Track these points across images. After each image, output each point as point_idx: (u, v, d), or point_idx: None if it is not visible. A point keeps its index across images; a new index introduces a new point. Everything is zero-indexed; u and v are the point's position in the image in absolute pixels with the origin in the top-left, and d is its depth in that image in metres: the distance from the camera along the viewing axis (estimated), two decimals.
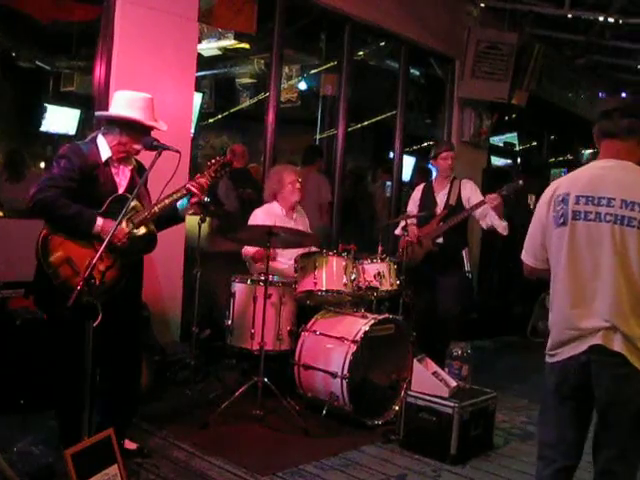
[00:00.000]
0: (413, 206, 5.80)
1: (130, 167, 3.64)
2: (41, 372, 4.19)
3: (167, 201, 3.57)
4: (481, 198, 5.38)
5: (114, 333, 3.45)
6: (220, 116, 9.46)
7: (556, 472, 2.73)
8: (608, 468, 2.62)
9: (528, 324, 8.14)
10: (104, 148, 3.54)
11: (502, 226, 5.44)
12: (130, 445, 3.77)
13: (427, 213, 5.52)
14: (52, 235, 3.40)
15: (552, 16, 7.94)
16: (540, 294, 8.18)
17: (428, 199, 5.68)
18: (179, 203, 3.68)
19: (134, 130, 3.53)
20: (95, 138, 3.59)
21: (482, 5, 7.90)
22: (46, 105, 8.67)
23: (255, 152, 7.53)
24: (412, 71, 8.13)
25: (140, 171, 3.64)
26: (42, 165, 8.93)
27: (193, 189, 3.61)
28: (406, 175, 8.75)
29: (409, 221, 5.48)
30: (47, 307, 3.58)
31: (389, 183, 8.48)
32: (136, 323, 3.82)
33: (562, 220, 2.65)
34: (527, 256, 2.87)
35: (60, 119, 8.89)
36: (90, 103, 8.43)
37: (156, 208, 3.53)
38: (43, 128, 8.69)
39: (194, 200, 3.67)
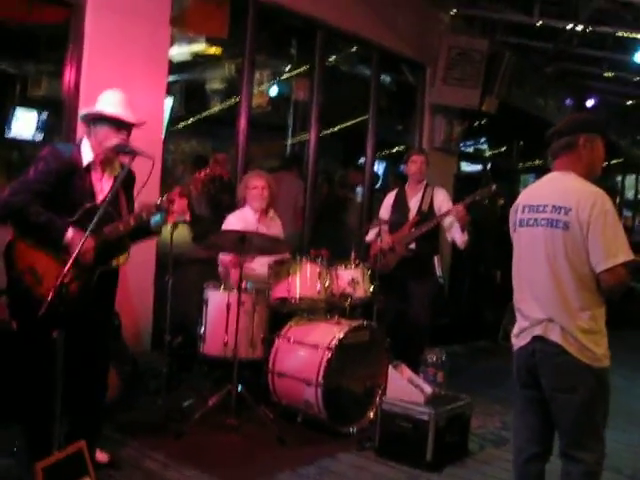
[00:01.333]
0: (385, 212, 5.80)
1: (114, 175, 3.53)
2: (9, 381, 4.09)
3: (144, 214, 3.48)
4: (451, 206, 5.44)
5: (84, 342, 3.39)
6: (190, 120, 9.36)
7: (526, 461, 2.97)
8: (571, 454, 2.82)
9: (499, 329, 8.19)
10: (87, 151, 3.45)
11: (462, 240, 5.50)
12: (101, 456, 3.70)
13: (399, 218, 5.52)
14: (17, 241, 3.33)
15: (521, 24, 8.02)
16: (511, 299, 8.24)
17: (400, 205, 5.69)
18: (153, 219, 3.58)
19: (117, 126, 3.44)
20: (79, 142, 3.51)
21: (453, 12, 7.94)
22: (13, 109, 8.51)
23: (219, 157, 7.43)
24: (383, 77, 8.13)
25: (126, 178, 3.44)
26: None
27: (174, 209, 3.53)
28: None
29: (382, 227, 5.46)
30: (17, 314, 3.48)
31: (359, 189, 8.48)
32: (107, 332, 3.74)
33: (514, 228, 3.05)
34: None
35: (27, 124, 8.73)
36: (59, 108, 8.35)
37: (132, 221, 3.44)
38: (8, 134, 8.53)
39: (170, 220, 3.60)
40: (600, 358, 2.77)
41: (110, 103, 3.46)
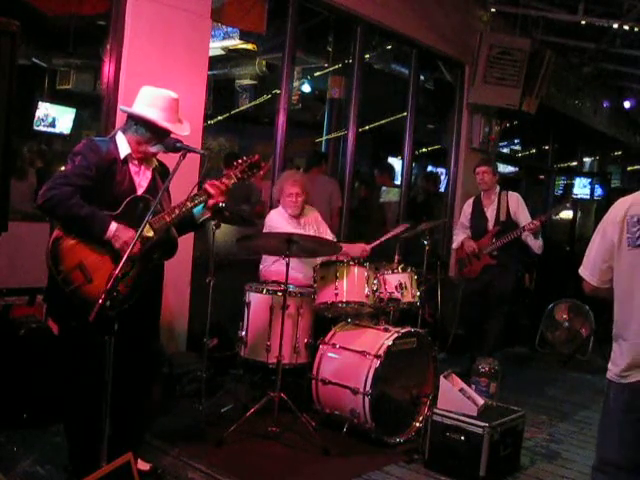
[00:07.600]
0: (465, 220, 6.07)
1: (151, 167, 3.41)
2: (46, 384, 3.96)
3: (189, 204, 3.34)
4: (526, 213, 5.80)
5: (130, 344, 3.23)
6: (221, 117, 9.21)
7: None
8: None
9: (535, 336, 7.96)
10: (123, 145, 3.31)
11: (537, 246, 5.79)
12: (143, 466, 3.54)
13: (478, 227, 5.95)
14: (64, 238, 3.16)
15: (563, 22, 7.81)
16: (547, 305, 8.01)
17: (478, 214, 5.94)
18: (196, 208, 3.45)
19: (150, 131, 3.30)
20: (114, 135, 3.36)
21: (493, 10, 7.74)
22: (42, 102, 8.42)
23: (253, 154, 7.23)
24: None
25: (162, 172, 3.41)
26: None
27: (211, 190, 3.38)
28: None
29: (465, 235, 5.89)
30: (60, 318, 3.33)
31: (384, 188, 8.29)
32: (153, 333, 3.58)
33: (631, 244, 2.55)
34: (590, 276, 2.74)
35: (56, 118, 8.64)
36: (86, 102, 8.24)
37: (178, 211, 3.30)
38: (38, 126, 8.44)
39: (211, 202, 3.44)
40: None
41: (157, 106, 3.30)
